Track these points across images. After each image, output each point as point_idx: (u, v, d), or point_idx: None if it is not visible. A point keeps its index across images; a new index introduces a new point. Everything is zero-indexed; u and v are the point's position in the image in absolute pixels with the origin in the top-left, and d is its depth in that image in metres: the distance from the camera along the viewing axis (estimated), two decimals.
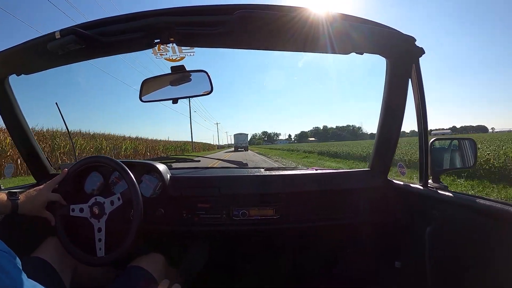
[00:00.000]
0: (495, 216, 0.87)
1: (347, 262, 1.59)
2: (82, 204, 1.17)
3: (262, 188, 1.43)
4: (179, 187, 1.40)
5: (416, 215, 1.24)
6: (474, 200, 0.97)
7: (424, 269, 1.15)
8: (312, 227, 1.46)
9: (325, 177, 1.51)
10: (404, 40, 1.09)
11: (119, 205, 1.16)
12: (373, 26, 1.04)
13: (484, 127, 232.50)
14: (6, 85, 1.32)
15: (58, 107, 1.58)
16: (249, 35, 1.05)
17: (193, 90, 1.28)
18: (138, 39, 1.00)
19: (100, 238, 1.13)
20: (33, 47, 1.06)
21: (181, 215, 1.40)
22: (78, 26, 0.97)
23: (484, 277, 0.92)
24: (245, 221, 1.40)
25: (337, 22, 0.98)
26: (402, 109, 1.28)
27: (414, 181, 1.32)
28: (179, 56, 1.26)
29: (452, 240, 1.05)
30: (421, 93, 1.20)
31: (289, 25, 0.95)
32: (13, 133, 1.45)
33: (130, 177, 1.17)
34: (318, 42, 1.04)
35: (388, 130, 1.34)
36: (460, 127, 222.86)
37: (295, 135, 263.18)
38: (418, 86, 1.19)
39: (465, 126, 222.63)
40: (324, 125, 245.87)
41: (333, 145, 35.80)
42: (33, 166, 1.56)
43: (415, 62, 1.17)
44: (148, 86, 1.32)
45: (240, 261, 1.67)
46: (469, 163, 1.29)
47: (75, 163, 1.24)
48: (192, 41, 1.09)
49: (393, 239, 1.40)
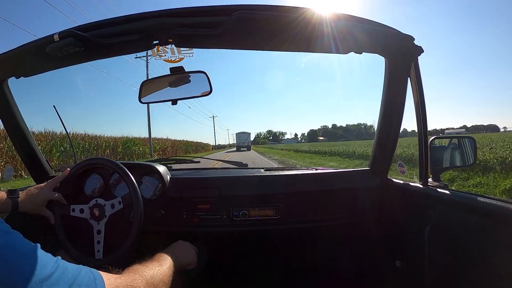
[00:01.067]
0: (496, 215, 0.87)
1: (348, 261, 1.59)
2: (82, 205, 1.17)
3: (262, 188, 1.43)
4: (179, 189, 1.40)
5: (416, 213, 1.24)
6: (474, 198, 0.96)
7: (424, 268, 1.14)
8: (312, 227, 1.45)
9: (325, 177, 1.51)
10: (402, 39, 1.09)
11: (120, 208, 1.17)
12: (371, 25, 1.04)
13: (496, 126, 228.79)
14: (5, 87, 1.32)
15: (56, 109, 1.58)
16: (247, 35, 1.05)
17: (192, 91, 1.28)
18: (137, 40, 1.00)
19: (99, 240, 1.13)
20: (32, 50, 1.06)
21: (181, 216, 1.40)
22: (76, 29, 0.97)
23: (485, 277, 0.92)
24: (245, 221, 1.40)
25: (335, 21, 0.98)
26: (402, 108, 1.28)
27: (414, 180, 1.32)
28: (178, 57, 1.27)
29: (452, 238, 1.05)
30: (420, 91, 1.20)
31: (286, 25, 0.96)
32: (13, 136, 1.45)
33: (130, 179, 1.17)
34: (316, 42, 1.04)
35: (388, 129, 1.34)
36: (471, 126, 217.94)
37: (304, 134, 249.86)
38: (417, 85, 1.19)
39: (476, 125, 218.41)
40: (333, 123, 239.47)
41: (351, 145, 33.79)
42: (33, 169, 1.56)
43: (413, 61, 1.17)
44: (147, 87, 1.32)
45: (241, 262, 1.67)
46: (469, 161, 1.29)
47: (76, 164, 1.24)
48: (191, 42, 1.09)
49: (393, 238, 1.40)
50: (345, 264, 1.60)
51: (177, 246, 1.09)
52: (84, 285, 0.54)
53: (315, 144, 63.83)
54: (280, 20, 0.94)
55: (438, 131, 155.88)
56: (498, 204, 0.86)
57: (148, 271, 0.76)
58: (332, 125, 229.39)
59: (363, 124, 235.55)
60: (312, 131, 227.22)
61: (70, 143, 2.65)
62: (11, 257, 0.48)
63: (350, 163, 15.30)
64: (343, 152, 20.82)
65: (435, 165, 1.24)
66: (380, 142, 1.38)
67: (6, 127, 1.42)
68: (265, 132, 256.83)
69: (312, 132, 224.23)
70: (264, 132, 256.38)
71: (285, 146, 66.31)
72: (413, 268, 1.25)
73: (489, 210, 0.89)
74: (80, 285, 0.53)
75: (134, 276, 0.70)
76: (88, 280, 0.55)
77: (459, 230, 1.02)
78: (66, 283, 0.52)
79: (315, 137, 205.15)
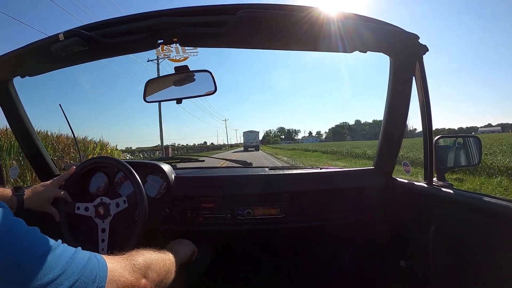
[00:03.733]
0: (502, 215, 0.86)
1: (352, 261, 1.59)
2: (87, 203, 1.18)
3: (267, 187, 1.43)
4: (183, 187, 1.41)
5: (421, 213, 1.24)
6: (480, 198, 0.96)
7: (429, 268, 1.14)
8: (317, 226, 1.45)
9: (329, 176, 1.51)
10: (407, 38, 1.08)
11: (125, 207, 1.17)
12: (375, 24, 1.03)
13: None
14: (11, 87, 1.34)
15: (62, 108, 1.59)
16: (251, 34, 1.05)
17: (197, 90, 1.28)
18: (141, 40, 1.00)
19: (104, 238, 1.14)
20: (37, 49, 1.07)
21: (186, 215, 1.40)
22: (81, 28, 0.97)
23: (490, 277, 0.91)
24: (250, 220, 1.40)
25: (340, 20, 0.97)
26: (406, 108, 1.27)
27: (418, 179, 1.31)
28: (182, 56, 1.28)
29: (457, 238, 1.05)
30: (425, 91, 1.19)
31: (291, 24, 0.95)
32: (18, 135, 1.46)
33: (135, 178, 1.18)
34: (320, 40, 1.04)
35: (393, 128, 1.33)
36: (496, 124, 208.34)
37: (320, 132, 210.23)
38: (422, 84, 1.19)
39: (503, 124, 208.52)
40: (356, 119, 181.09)
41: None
42: (38, 168, 1.57)
43: (418, 60, 1.17)
44: (151, 86, 1.33)
45: (245, 261, 1.68)
46: (473, 161, 1.28)
47: (82, 163, 1.25)
48: (195, 41, 1.09)
49: (397, 237, 1.39)
50: (349, 264, 1.60)
51: (175, 242, 1.11)
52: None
53: (344, 144, 52.04)
54: (284, 19, 0.94)
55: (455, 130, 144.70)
56: (504, 204, 0.86)
57: (150, 255, 0.81)
58: (355, 121, 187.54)
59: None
60: (336, 128, 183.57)
61: (75, 142, 2.67)
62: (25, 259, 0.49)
63: None
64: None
65: (440, 164, 1.23)
66: (385, 141, 1.37)
67: (11, 126, 1.43)
68: (275, 130, 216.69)
69: (335, 130, 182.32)
70: (275, 130, 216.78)
71: (311, 146, 50.80)
72: (417, 268, 1.25)
73: (495, 210, 0.88)
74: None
75: (136, 257, 0.75)
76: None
77: (464, 230, 1.02)
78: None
79: (342, 135, 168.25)
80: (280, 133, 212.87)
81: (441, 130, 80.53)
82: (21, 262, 0.48)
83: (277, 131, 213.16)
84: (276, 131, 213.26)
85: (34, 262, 0.49)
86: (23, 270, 0.47)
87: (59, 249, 0.55)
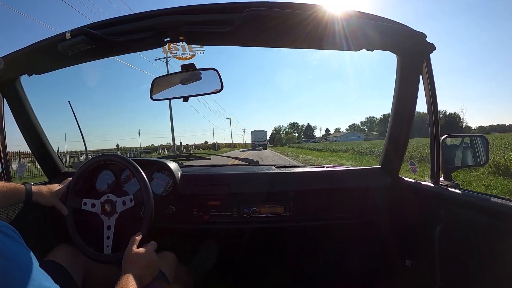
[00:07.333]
0: (508, 216, 0.86)
1: (358, 260, 1.59)
2: (94, 200, 1.19)
3: (273, 185, 1.43)
4: (189, 185, 1.41)
5: (427, 213, 1.23)
6: (487, 198, 0.95)
7: (435, 268, 1.14)
8: (322, 225, 1.45)
9: (335, 175, 1.50)
10: (414, 36, 1.07)
11: (131, 206, 1.18)
12: (382, 22, 1.03)
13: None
14: (18, 85, 1.35)
15: (71, 105, 1.60)
16: (258, 33, 1.04)
17: (204, 88, 1.28)
18: (148, 38, 1.00)
19: (109, 235, 1.15)
20: (44, 48, 1.08)
21: (192, 212, 1.41)
22: (87, 27, 0.98)
23: (496, 278, 0.91)
24: (256, 218, 1.40)
25: (346, 18, 0.97)
26: (413, 107, 1.26)
27: (425, 179, 1.30)
28: (189, 55, 1.27)
29: (463, 239, 1.04)
30: (432, 89, 1.18)
31: (297, 22, 0.95)
32: (25, 132, 1.47)
33: (142, 176, 1.18)
34: (327, 39, 1.03)
35: (399, 128, 1.32)
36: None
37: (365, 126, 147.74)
38: (429, 83, 1.18)
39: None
40: (383, 113, 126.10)
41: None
42: (45, 165, 1.58)
43: (426, 59, 1.16)
44: (158, 84, 1.33)
45: (251, 258, 1.68)
46: (481, 160, 1.27)
47: (88, 161, 1.26)
48: (201, 40, 1.09)
49: (403, 237, 1.39)
50: (355, 263, 1.59)
51: (140, 261, 0.97)
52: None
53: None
54: (291, 17, 0.94)
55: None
56: (511, 204, 0.85)
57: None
58: (382, 116, 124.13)
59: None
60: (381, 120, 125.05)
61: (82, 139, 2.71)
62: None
63: None
64: None
65: (446, 164, 1.22)
66: (391, 140, 1.37)
67: (18, 123, 1.44)
68: (286, 126, 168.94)
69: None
70: (285, 126, 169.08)
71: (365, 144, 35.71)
72: (423, 268, 1.25)
73: (501, 210, 0.88)
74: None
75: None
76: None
77: (470, 230, 1.01)
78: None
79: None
80: (292, 129, 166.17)
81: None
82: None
83: (288, 127, 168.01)
84: (287, 127, 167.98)
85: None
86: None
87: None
